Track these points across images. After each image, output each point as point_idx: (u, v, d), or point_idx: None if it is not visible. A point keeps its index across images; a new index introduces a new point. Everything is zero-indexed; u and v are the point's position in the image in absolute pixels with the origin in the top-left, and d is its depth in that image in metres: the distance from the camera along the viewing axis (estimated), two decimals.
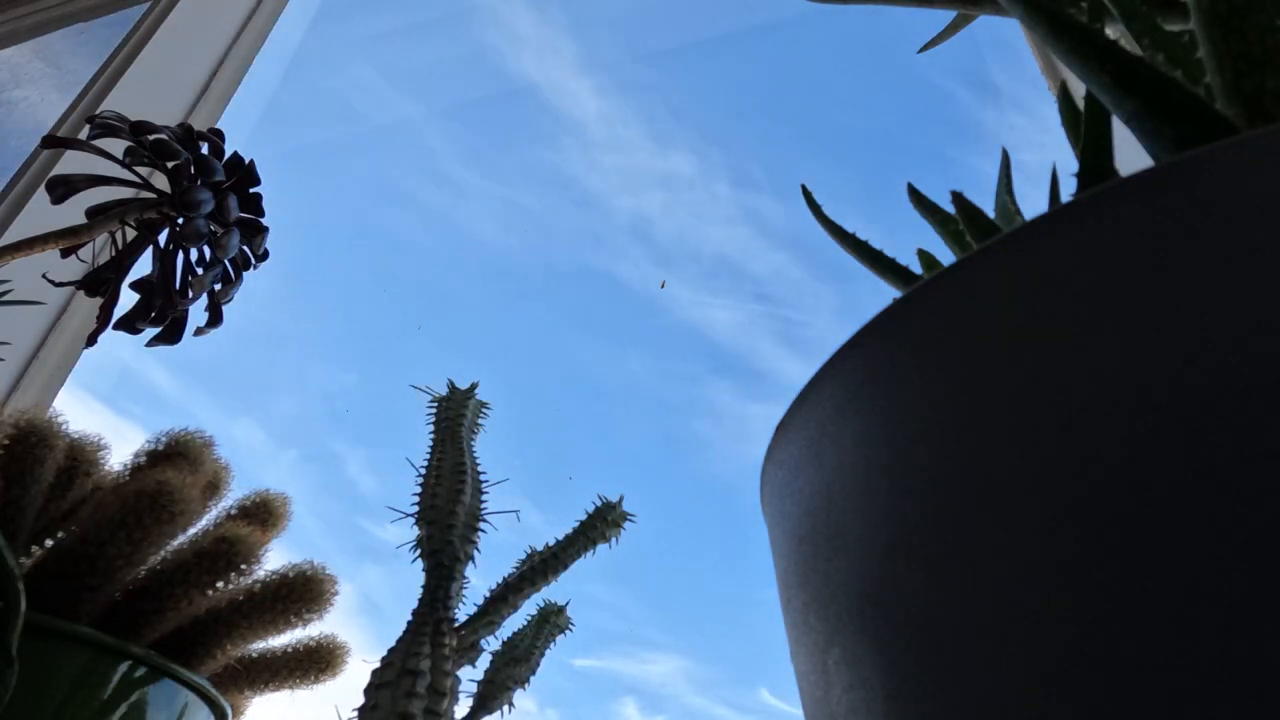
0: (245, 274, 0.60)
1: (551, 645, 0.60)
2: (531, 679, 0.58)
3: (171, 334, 0.57)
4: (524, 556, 0.58)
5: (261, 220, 0.61)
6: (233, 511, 0.55)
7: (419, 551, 0.55)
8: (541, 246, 1.68)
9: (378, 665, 0.50)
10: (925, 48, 0.52)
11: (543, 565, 0.57)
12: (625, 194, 1.69)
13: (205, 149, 0.59)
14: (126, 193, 0.56)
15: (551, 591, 0.59)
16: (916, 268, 0.33)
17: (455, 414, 0.61)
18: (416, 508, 0.57)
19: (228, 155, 0.60)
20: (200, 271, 0.57)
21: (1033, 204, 0.31)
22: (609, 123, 1.72)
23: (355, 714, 0.48)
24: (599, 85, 1.76)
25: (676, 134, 1.70)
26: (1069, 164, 0.28)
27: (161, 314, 0.55)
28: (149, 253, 0.56)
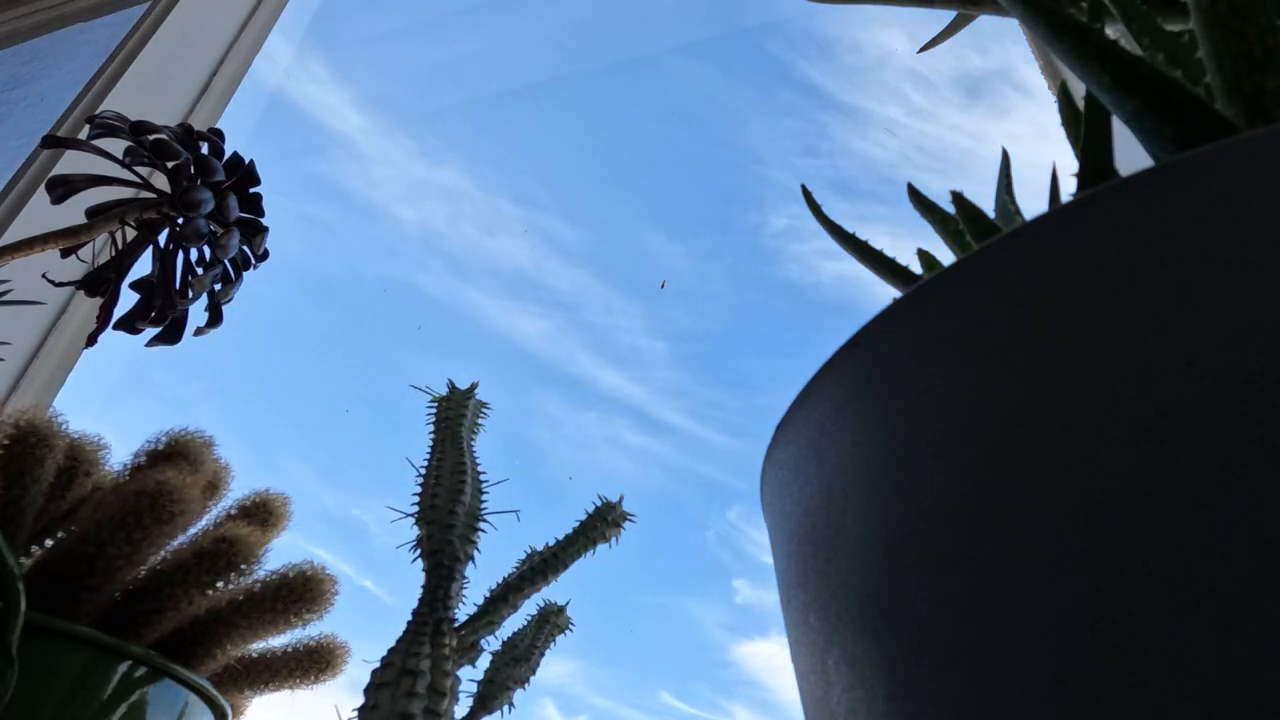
0: (245, 274, 0.61)
1: (551, 645, 0.60)
2: (531, 679, 0.58)
3: (171, 334, 0.57)
4: (524, 556, 0.58)
5: (261, 220, 0.61)
6: (233, 511, 0.55)
7: (419, 551, 0.55)
8: (344, 258, 1.63)
9: (378, 665, 0.50)
10: (925, 48, 0.52)
11: (543, 565, 0.57)
12: (407, 206, 1.66)
13: (205, 149, 0.59)
14: (126, 193, 0.56)
15: (551, 591, 0.59)
16: (916, 268, 0.33)
17: (455, 414, 0.61)
18: (416, 508, 0.57)
19: (228, 155, 0.60)
20: (200, 271, 0.57)
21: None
22: (373, 136, 1.69)
23: (355, 714, 0.48)
24: (355, 98, 1.72)
25: (446, 151, 1.68)
26: (1069, 164, 0.28)
27: (161, 314, 0.55)
28: (149, 253, 0.56)
